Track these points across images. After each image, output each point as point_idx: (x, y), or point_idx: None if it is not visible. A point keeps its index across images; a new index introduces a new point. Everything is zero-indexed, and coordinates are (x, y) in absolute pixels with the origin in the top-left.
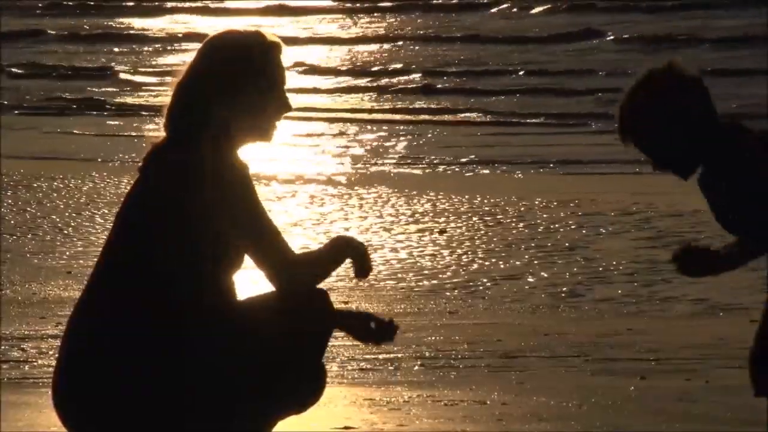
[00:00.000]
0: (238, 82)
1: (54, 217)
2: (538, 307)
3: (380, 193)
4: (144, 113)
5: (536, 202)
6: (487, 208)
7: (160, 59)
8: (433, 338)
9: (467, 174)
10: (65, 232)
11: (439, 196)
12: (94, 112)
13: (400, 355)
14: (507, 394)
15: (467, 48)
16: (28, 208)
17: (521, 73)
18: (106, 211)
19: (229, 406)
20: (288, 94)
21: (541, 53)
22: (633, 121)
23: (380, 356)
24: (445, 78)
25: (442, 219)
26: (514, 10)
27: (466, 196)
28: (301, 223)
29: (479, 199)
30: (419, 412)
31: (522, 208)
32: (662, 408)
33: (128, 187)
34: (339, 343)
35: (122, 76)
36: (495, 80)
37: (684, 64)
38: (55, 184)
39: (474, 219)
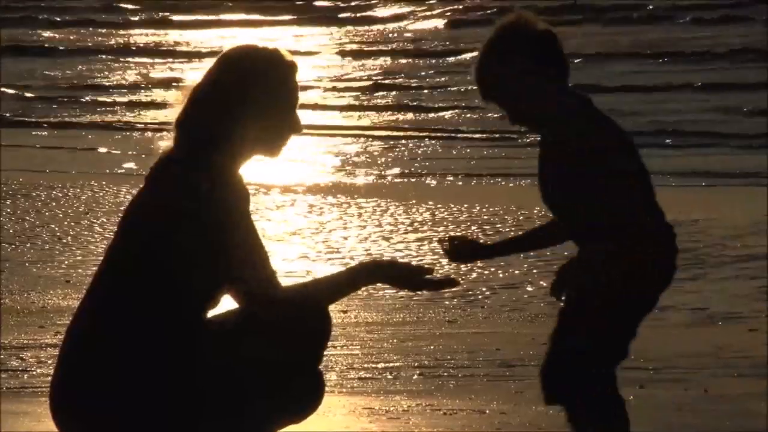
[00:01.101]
0: (254, 99)
1: (53, 225)
2: (537, 316)
3: (379, 203)
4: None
5: (535, 211)
6: (486, 217)
7: (47, 72)
8: (432, 347)
9: (466, 183)
10: (64, 240)
11: (438, 206)
12: None
13: (399, 364)
14: (506, 403)
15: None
16: (27, 217)
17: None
18: (105, 220)
19: (226, 417)
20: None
21: None
22: (488, 74)
23: (379, 365)
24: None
25: (441, 228)
26: None
27: (465, 206)
28: (299, 232)
29: (478, 208)
30: (418, 422)
31: (521, 217)
32: (661, 417)
33: (127, 196)
34: (338, 352)
35: None
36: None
37: (534, 17)
38: (54, 193)
39: (473, 228)
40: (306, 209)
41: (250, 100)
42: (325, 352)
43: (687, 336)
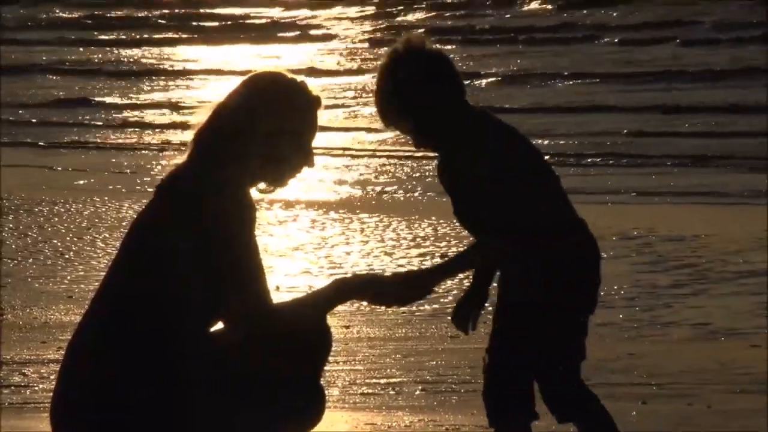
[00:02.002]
0: (274, 126)
1: (55, 241)
2: None
3: (382, 218)
4: None
5: None
6: None
7: None
8: (435, 362)
9: None
10: (66, 256)
11: (441, 221)
12: None
13: (401, 380)
14: None
15: None
16: (29, 233)
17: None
18: (107, 235)
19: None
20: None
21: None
22: (386, 103)
23: (381, 381)
24: None
25: (444, 243)
26: None
27: None
28: (302, 247)
29: None
30: None
31: None
32: None
33: (130, 212)
34: (340, 367)
35: None
36: None
37: (423, 40)
38: (57, 208)
39: None
40: (308, 224)
41: (266, 126)
42: (326, 367)
43: (689, 351)
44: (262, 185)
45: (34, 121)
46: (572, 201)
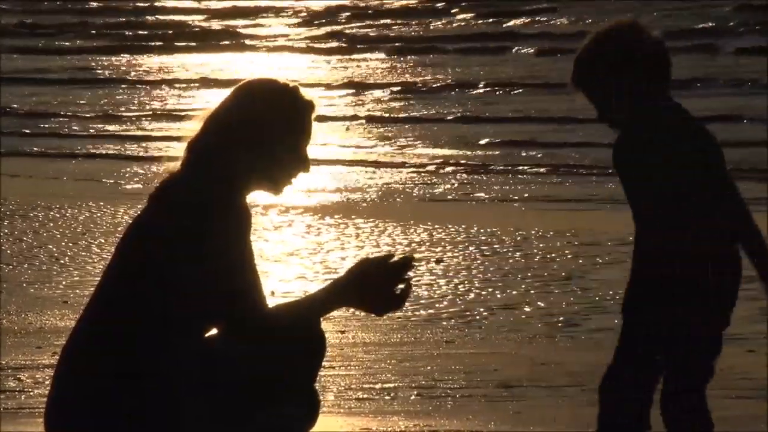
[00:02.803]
0: (268, 132)
1: (50, 246)
2: (535, 336)
3: (377, 223)
4: None
5: (533, 232)
6: (483, 238)
7: None
8: (430, 368)
9: (464, 204)
10: (61, 261)
11: (436, 226)
12: None
13: (396, 385)
14: (504, 423)
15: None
16: (24, 238)
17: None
18: (103, 241)
19: None
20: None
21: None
22: (590, 67)
23: (377, 386)
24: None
25: (439, 248)
26: None
27: (463, 226)
28: (297, 252)
29: (476, 228)
30: None
31: (518, 238)
32: None
33: (125, 217)
34: (335, 372)
35: None
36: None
37: (647, 28)
38: (52, 213)
39: (470, 248)
40: (303, 229)
41: (260, 132)
42: (321, 372)
43: None
44: (259, 189)
45: None
46: (570, 207)
